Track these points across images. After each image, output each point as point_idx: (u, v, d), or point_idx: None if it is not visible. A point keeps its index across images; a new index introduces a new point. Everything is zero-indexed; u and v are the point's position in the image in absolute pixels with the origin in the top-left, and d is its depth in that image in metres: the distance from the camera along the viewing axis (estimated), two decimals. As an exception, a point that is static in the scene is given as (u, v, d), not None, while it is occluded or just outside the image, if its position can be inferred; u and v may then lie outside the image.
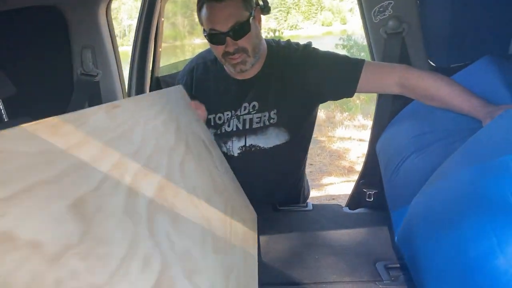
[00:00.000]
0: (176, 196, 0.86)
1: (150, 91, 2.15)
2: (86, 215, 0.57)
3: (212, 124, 1.57)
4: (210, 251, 0.88)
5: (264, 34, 1.73)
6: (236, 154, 1.58)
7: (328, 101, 1.63)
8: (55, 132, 0.59)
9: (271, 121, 1.53)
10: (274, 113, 1.53)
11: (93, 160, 0.65)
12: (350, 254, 1.32)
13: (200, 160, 1.14)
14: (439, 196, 0.96)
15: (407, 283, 1.17)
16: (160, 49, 2.05)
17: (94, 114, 0.72)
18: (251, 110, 1.54)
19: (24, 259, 0.45)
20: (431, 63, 1.68)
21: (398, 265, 1.24)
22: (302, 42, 1.58)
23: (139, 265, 0.62)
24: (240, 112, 1.54)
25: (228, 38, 1.37)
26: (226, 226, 1.06)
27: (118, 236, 0.61)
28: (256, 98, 1.53)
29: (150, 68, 2.13)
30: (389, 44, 1.60)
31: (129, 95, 2.01)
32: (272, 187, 1.68)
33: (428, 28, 1.61)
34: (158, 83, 2.22)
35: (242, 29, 1.37)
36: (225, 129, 1.57)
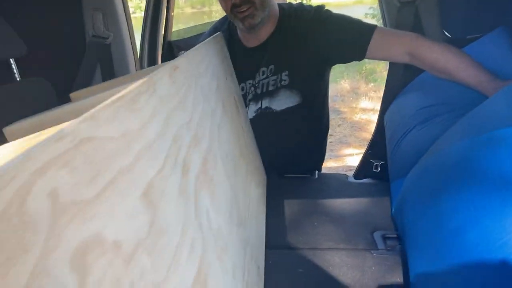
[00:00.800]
0: (215, 168, 0.81)
1: (162, 55, 2.16)
2: (153, 202, 0.52)
3: None
4: (235, 225, 0.86)
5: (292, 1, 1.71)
6: (251, 117, 1.61)
7: (353, 71, 1.62)
8: (131, 109, 0.53)
9: (283, 82, 1.54)
10: (285, 75, 1.54)
11: (158, 136, 0.58)
12: (349, 223, 1.33)
13: (232, 121, 1.10)
14: (431, 168, 0.95)
15: (402, 253, 1.18)
16: (173, 13, 2.04)
17: (160, 80, 0.65)
18: (268, 74, 1.56)
19: (109, 264, 0.40)
20: (446, 33, 1.63)
21: (396, 235, 1.24)
22: (330, 9, 1.55)
23: (187, 252, 0.57)
24: (259, 77, 1.56)
25: None
26: (246, 196, 1.05)
27: (174, 222, 0.56)
28: (272, 61, 1.54)
29: (163, 32, 2.14)
30: (402, 13, 1.55)
31: (140, 58, 2.03)
32: (282, 153, 1.69)
33: (443, -2, 1.55)
34: (170, 48, 2.23)
35: None
36: (251, 97, 1.60)
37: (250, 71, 1.57)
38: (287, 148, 1.70)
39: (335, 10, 1.55)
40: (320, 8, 1.53)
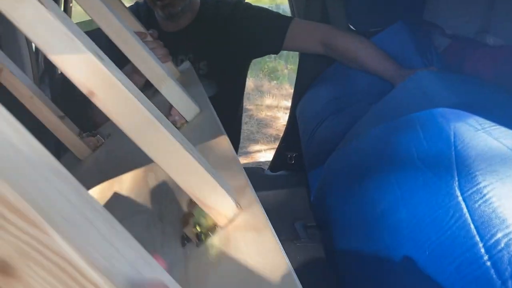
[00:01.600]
0: None
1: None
2: None
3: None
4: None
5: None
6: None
7: (256, 70, 1.62)
8: None
9: (200, 71, 1.53)
10: (204, 65, 1.53)
11: None
12: (269, 214, 1.32)
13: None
14: (350, 155, 0.97)
15: (324, 241, 1.20)
16: (71, 4, 1.89)
17: None
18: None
19: None
20: (351, 27, 1.69)
21: (315, 224, 1.26)
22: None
23: None
24: (177, 64, 1.50)
25: None
26: None
27: None
28: (190, 50, 1.52)
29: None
30: (310, 5, 1.59)
31: (36, 54, 1.86)
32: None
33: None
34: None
35: None
36: None
37: None
38: None
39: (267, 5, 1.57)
40: (240, 1, 1.55)
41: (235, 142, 1.85)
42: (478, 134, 0.61)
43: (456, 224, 0.57)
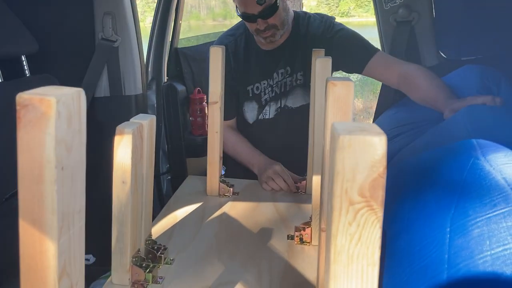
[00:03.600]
0: None
1: (168, 61, 2.24)
2: None
3: (251, 94, 1.72)
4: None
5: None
6: (272, 116, 1.74)
7: (367, 91, 1.71)
8: None
9: (298, 81, 1.68)
10: (300, 75, 1.68)
11: None
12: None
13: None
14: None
15: None
16: (181, 21, 2.12)
17: None
18: (285, 75, 1.69)
19: None
20: (442, 54, 1.67)
21: None
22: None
23: None
24: (278, 78, 1.69)
25: (258, 19, 1.52)
26: None
27: None
28: (288, 63, 1.68)
29: (170, 39, 2.22)
30: (398, 32, 1.61)
31: (147, 63, 2.10)
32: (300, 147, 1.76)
33: (439, 19, 1.60)
34: (176, 54, 2.30)
35: (271, 10, 1.51)
36: (268, 97, 1.72)
37: (266, 72, 1.70)
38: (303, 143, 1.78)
39: (355, 29, 1.67)
40: (332, 18, 1.68)
41: None
42: (491, 171, 0.62)
43: (435, 253, 0.59)
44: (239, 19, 1.69)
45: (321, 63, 1.04)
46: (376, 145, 0.46)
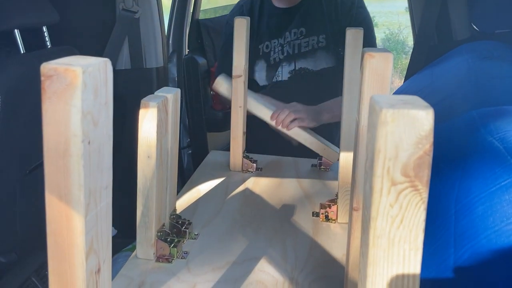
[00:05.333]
0: None
1: (189, 33, 2.20)
2: None
3: (261, 53, 1.70)
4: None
5: None
6: (286, 78, 1.70)
7: None
8: None
9: (320, 44, 1.65)
10: (323, 38, 1.64)
11: None
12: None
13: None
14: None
15: None
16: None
17: None
18: (299, 36, 1.65)
19: None
20: (475, 27, 1.60)
21: None
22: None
23: None
24: (290, 38, 1.66)
25: None
26: None
27: None
28: (302, 24, 1.65)
29: (191, 11, 2.18)
30: (429, 3, 1.54)
31: (168, 35, 2.07)
32: None
33: (473, -11, 1.53)
34: (198, 26, 2.26)
35: None
36: (278, 57, 1.69)
37: (278, 30, 1.67)
38: None
39: (377, 1, 1.66)
40: None
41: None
42: (493, 142, 0.58)
43: (442, 237, 0.56)
44: None
45: (352, 35, 1.00)
46: (422, 119, 0.41)
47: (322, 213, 1.07)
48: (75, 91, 0.42)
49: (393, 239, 0.46)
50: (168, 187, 0.96)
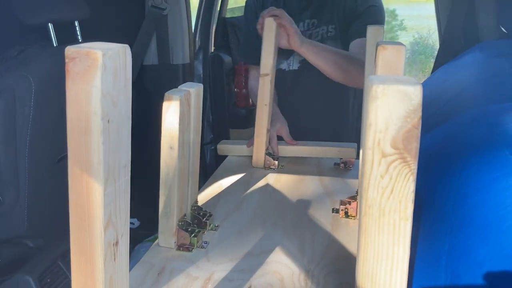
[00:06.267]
0: None
1: (216, 30, 2.23)
2: None
3: None
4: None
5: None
6: (296, 68, 1.72)
7: (416, 70, 1.75)
8: None
9: (329, 34, 1.67)
10: (332, 28, 1.66)
11: None
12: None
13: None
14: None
15: None
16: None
17: None
18: (310, 26, 1.68)
19: None
20: (503, 29, 1.58)
21: None
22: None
23: None
24: (303, 28, 1.67)
25: None
26: None
27: None
28: (314, 15, 1.67)
29: (218, 8, 2.21)
30: (456, 3, 1.53)
31: (194, 32, 2.10)
32: (323, 110, 1.77)
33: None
34: (224, 24, 2.29)
35: None
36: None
37: (292, 18, 1.66)
38: (329, 105, 1.77)
39: (406, 5, 1.64)
40: None
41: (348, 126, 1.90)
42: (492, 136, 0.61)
43: (441, 226, 0.59)
44: None
45: (372, 31, 1.01)
46: (411, 94, 0.44)
47: (342, 210, 1.08)
48: (95, 72, 0.46)
49: (383, 209, 0.48)
50: (190, 179, 0.99)
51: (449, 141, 0.73)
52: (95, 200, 0.49)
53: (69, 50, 0.46)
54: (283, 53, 1.69)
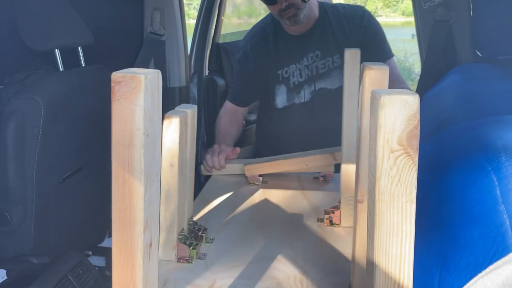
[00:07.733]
0: None
1: (210, 55, 2.33)
2: None
3: (281, 78, 1.82)
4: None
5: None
6: (308, 99, 1.83)
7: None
8: None
9: (335, 64, 1.78)
10: (337, 58, 1.77)
11: None
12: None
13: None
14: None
15: None
16: (223, 17, 2.21)
17: None
18: (315, 59, 1.78)
19: None
20: (479, 53, 1.70)
21: None
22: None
23: None
24: (307, 62, 1.78)
25: None
26: None
27: None
28: (317, 48, 1.78)
29: (212, 34, 2.31)
30: (436, 31, 1.65)
31: (190, 57, 2.20)
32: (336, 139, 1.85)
33: (477, 18, 1.63)
34: (217, 49, 2.39)
35: None
36: (297, 81, 1.81)
37: (295, 56, 1.79)
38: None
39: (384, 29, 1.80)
40: (363, 7, 1.82)
41: None
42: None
43: (431, 222, 0.72)
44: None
45: (350, 54, 1.11)
46: (411, 102, 0.56)
47: (326, 219, 1.18)
48: (139, 93, 0.54)
49: (393, 194, 0.59)
50: (187, 195, 1.07)
51: (436, 153, 0.85)
52: (137, 205, 0.57)
53: (115, 75, 0.55)
54: (294, 88, 1.81)
